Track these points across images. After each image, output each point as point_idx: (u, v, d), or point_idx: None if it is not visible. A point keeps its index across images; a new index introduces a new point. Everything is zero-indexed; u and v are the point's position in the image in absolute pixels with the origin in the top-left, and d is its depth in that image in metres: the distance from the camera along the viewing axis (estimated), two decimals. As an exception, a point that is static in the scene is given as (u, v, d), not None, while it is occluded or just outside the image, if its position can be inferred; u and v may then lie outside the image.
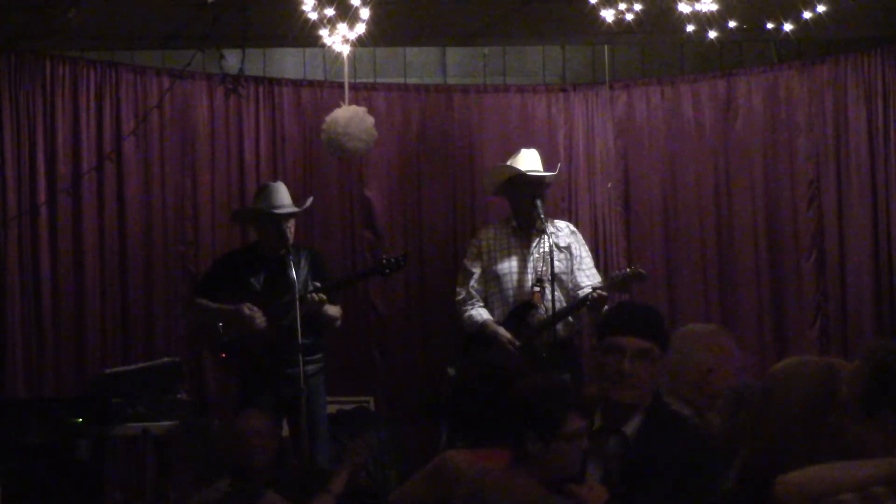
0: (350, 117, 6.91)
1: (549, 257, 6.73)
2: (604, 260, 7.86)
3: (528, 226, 6.99)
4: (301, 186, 7.61)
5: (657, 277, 7.92)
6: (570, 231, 7.13)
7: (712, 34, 6.50)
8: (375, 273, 6.93)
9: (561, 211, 7.88)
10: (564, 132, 8.19)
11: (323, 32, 6.40)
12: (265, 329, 6.53)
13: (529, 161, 7.08)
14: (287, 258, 6.49)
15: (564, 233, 7.06)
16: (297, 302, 6.36)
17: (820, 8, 6.47)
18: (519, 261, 6.98)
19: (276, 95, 7.89)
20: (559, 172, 7.34)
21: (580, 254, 7.03)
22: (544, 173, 7.06)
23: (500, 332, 6.83)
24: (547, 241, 6.82)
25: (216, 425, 6.93)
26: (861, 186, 7.70)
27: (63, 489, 6.35)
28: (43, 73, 7.28)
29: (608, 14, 6.41)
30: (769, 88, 8.01)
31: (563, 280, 6.90)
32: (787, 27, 6.72)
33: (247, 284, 6.64)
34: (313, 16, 6.32)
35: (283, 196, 6.71)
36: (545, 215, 6.88)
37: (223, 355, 6.73)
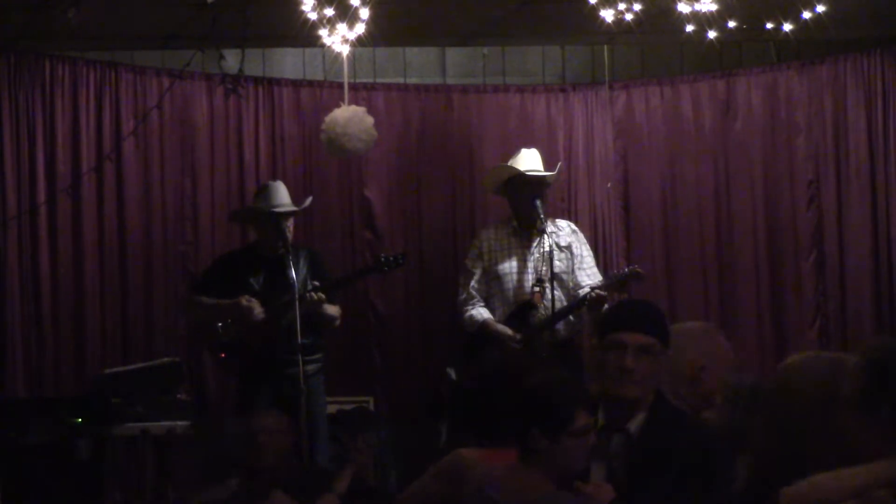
0: (349, 117, 6.91)
1: (549, 257, 6.73)
2: (604, 260, 7.85)
3: (529, 226, 6.98)
4: (301, 186, 7.60)
5: (657, 277, 7.92)
6: (572, 230, 7.12)
7: (712, 34, 6.51)
8: (374, 271, 6.93)
9: (561, 211, 7.87)
10: (564, 132, 8.18)
11: (322, 32, 6.41)
12: (263, 321, 6.53)
13: (529, 161, 7.08)
14: (286, 258, 6.49)
15: (565, 232, 7.06)
16: (297, 301, 6.36)
17: (820, 8, 6.48)
18: (519, 261, 6.97)
19: (276, 95, 7.88)
20: (559, 172, 7.34)
21: (581, 253, 7.03)
22: (544, 173, 7.06)
23: (502, 330, 6.83)
24: (547, 241, 6.82)
25: (226, 424, 6.91)
26: (860, 186, 7.71)
27: (63, 489, 6.35)
28: (42, 74, 7.28)
29: (608, 14, 6.42)
30: (769, 88, 8.00)
31: (564, 279, 6.90)
32: (787, 27, 6.72)
33: (246, 284, 6.64)
34: (313, 16, 6.33)
35: (283, 195, 6.72)
36: (545, 215, 6.88)
37: (223, 355, 6.74)
